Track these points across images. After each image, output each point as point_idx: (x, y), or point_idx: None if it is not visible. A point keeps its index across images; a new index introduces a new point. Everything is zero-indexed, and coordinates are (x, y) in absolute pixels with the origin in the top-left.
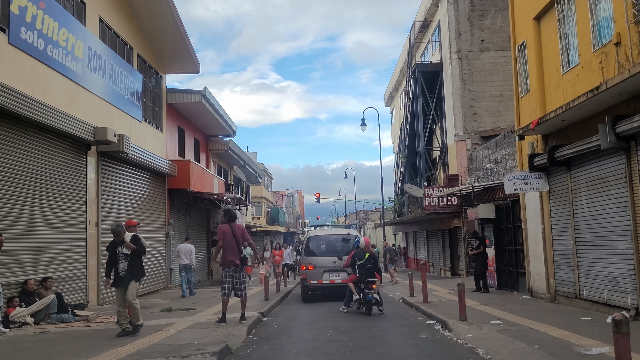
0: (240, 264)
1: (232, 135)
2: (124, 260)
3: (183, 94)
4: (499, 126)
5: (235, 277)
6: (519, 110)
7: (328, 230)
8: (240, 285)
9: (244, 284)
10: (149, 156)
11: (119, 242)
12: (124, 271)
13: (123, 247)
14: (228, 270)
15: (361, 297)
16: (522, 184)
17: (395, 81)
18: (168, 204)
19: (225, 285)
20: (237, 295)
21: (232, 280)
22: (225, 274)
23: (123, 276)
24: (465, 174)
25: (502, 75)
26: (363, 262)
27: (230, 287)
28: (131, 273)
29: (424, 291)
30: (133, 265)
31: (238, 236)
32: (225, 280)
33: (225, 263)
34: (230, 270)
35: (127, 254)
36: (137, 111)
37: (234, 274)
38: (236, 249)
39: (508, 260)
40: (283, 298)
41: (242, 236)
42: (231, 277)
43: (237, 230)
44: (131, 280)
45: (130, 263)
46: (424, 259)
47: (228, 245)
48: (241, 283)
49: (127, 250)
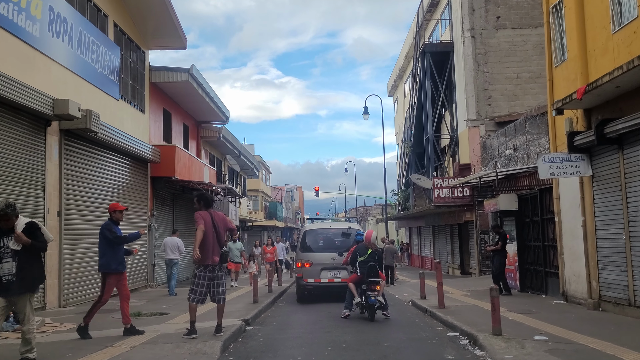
0: (220, 262)
1: (224, 121)
2: (9, 259)
3: (168, 72)
4: (515, 111)
5: (213, 278)
6: (552, 82)
7: (327, 224)
8: (219, 288)
9: (222, 286)
10: (127, 139)
11: (5, 230)
12: (9, 275)
13: (10, 239)
14: (204, 270)
15: (363, 299)
16: (560, 168)
17: (399, 68)
18: (151, 194)
19: (197, 289)
20: (213, 300)
21: (208, 283)
22: (200, 274)
23: (7, 283)
24: (478, 163)
25: (520, 55)
26: (365, 258)
27: (205, 292)
28: (22, 280)
29: (440, 294)
30: (24, 269)
31: (219, 227)
32: (199, 282)
33: (202, 259)
34: (207, 270)
35: (17, 249)
36: (113, 88)
37: (211, 274)
38: (216, 242)
39: (533, 258)
40: (276, 299)
41: (224, 227)
42: (208, 278)
43: (217, 219)
44: (21, 292)
45: (21, 264)
46: (429, 256)
47: (206, 237)
48: (219, 285)
49: (15, 244)
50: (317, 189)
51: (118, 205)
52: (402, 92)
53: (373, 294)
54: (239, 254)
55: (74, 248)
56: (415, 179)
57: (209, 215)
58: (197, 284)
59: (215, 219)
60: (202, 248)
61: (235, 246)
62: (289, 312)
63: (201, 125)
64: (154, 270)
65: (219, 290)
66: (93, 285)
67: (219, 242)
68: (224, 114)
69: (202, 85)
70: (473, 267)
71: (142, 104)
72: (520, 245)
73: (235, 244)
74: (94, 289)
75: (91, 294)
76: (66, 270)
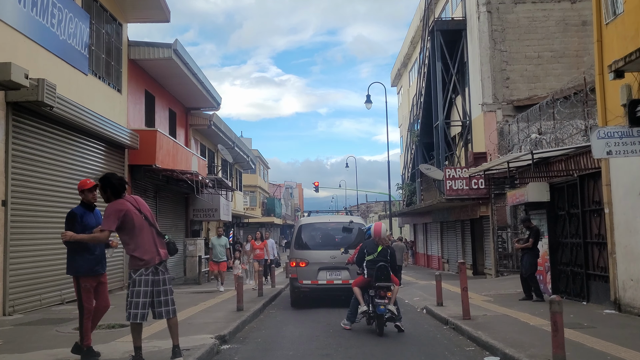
0: (166, 259)
1: (216, 108)
2: None
3: (149, 47)
4: (536, 94)
5: (156, 282)
6: (601, 43)
7: (325, 217)
8: (166, 296)
9: (170, 293)
10: (98, 120)
11: None
12: None
13: None
14: (145, 272)
15: (370, 308)
16: (619, 145)
17: (404, 55)
18: (129, 184)
19: (138, 300)
20: (158, 316)
21: (150, 290)
22: (137, 280)
23: None
24: (495, 152)
25: (541, 32)
26: (374, 257)
27: (149, 303)
28: None
29: (465, 302)
30: None
31: (149, 216)
32: (138, 291)
33: (141, 261)
34: (148, 272)
35: None
36: (80, 60)
37: (154, 277)
38: (155, 234)
39: (570, 257)
40: (266, 305)
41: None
42: (150, 282)
43: (143, 208)
44: None
45: None
46: (436, 255)
47: (140, 232)
48: (167, 293)
49: None
50: (317, 184)
51: (86, 183)
52: (407, 81)
53: (382, 302)
54: (223, 251)
55: (24, 244)
56: (424, 169)
57: (128, 203)
58: (136, 293)
59: (142, 208)
60: (138, 245)
61: (219, 242)
62: (279, 323)
63: (190, 112)
64: None
65: (167, 300)
66: (52, 288)
67: (158, 234)
68: (214, 100)
69: (188, 65)
70: (488, 267)
71: (118, 82)
72: (552, 243)
73: (220, 239)
74: (52, 293)
75: (49, 299)
76: (13, 270)
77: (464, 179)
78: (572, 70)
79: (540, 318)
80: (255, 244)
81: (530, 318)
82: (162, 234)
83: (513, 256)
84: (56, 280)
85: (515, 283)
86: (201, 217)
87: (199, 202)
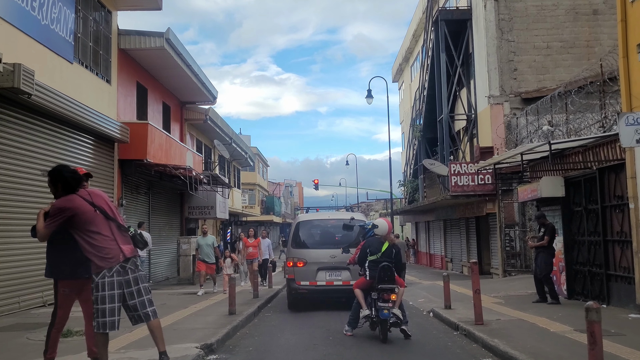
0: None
1: (211, 101)
2: None
3: (140, 37)
4: (545, 86)
5: (127, 283)
6: (625, 23)
7: (324, 214)
8: (142, 296)
9: (147, 292)
10: (85, 111)
11: None
12: None
13: None
14: (109, 274)
15: (372, 312)
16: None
17: (405, 49)
18: (119, 179)
19: (104, 306)
20: (135, 319)
21: (120, 293)
22: (102, 283)
23: None
24: (502, 146)
25: (550, 22)
26: (378, 257)
27: (118, 308)
28: None
29: (477, 307)
30: None
31: (106, 208)
32: (105, 296)
33: (102, 261)
34: (113, 273)
35: None
36: (64, 47)
37: (123, 277)
38: (114, 227)
39: (587, 257)
40: (261, 308)
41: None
42: (118, 284)
43: (98, 200)
44: None
45: None
46: (439, 253)
47: (95, 229)
48: (141, 293)
49: None
50: (317, 181)
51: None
52: (409, 76)
53: (386, 306)
54: (211, 251)
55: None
56: (428, 164)
57: (76, 199)
58: (101, 298)
59: (96, 201)
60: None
61: (205, 241)
62: (274, 329)
63: (185, 107)
64: None
65: (144, 301)
66: (32, 290)
67: (120, 229)
68: (210, 93)
69: (181, 55)
70: (495, 267)
71: (107, 72)
72: (567, 241)
73: (206, 237)
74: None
75: (29, 301)
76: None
77: (470, 175)
78: (582, 61)
79: (560, 323)
80: (247, 242)
81: (549, 323)
82: (125, 228)
83: (521, 255)
84: (37, 282)
85: (524, 283)
86: (197, 215)
87: (195, 200)
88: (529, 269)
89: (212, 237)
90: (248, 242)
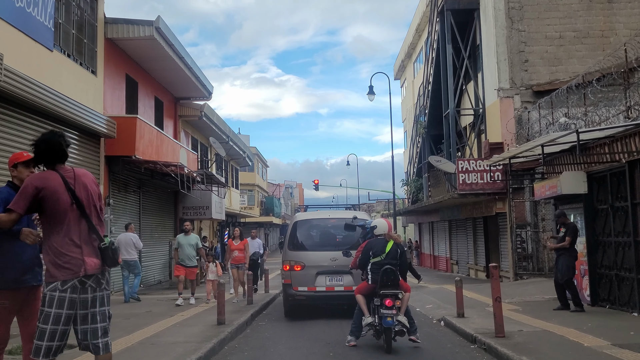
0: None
1: (207, 97)
2: None
3: (128, 25)
4: (557, 78)
5: (83, 303)
6: None
7: (324, 213)
8: (98, 324)
9: (103, 320)
10: (66, 102)
11: None
12: None
13: None
14: (61, 288)
15: (375, 320)
16: None
17: (408, 44)
18: (105, 177)
19: (47, 327)
20: (85, 348)
21: (69, 315)
22: (50, 298)
23: None
24: (512, 142)
25: (563, 10)
26: (382, 258)
27: (63, 332)
28: None
29: (499, 317)
30: None
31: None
32: (51, 315)
33: (57, 270)
34: (66, 289)
35: None
36: (43, 33)
37: (77, 294)
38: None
39: (615, 259)
40: (255, 316)
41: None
42: (69, 303)
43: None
44: None
45: None
46: (444, 255)
47: (62, 224)
48: (96, 319)
49: None
50: (317, 182)
51: (21, 155)
52: (412, 72)
53: (389, 313)
54: (193, 253)
55: None
56: (434, 161)
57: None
58: (44, 317)
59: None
60: (53, 244)
61: (187, 241)
62: (267, 341)
63: (179, 102)
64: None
65: (97, 330)
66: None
67: (91, 230)
68: (205, 88)
69: (173, 46)
70: (505, 270)
71: (92, 63)
72: (590, 242)
73: (188, 237)
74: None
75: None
76: None
77: (479, 172)
78: (597, 52)
79: (593, 336)
80: (232, 245)
81: (581, 336)
82: (98, 234)
83: (533, 257)
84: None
85: (539, 288)
86: (191, 216)
87: (189, 200)
88: (542, 272)
89: (195, 236)
90: (233, 244)
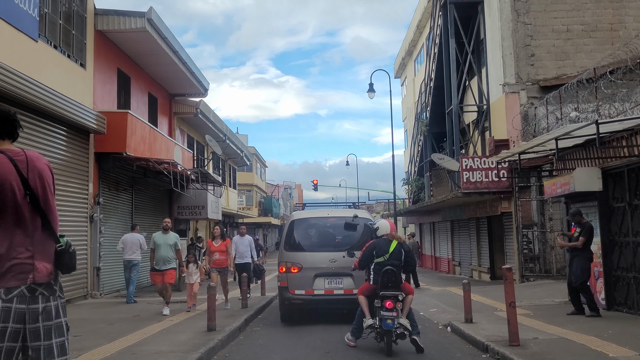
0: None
1: (203, 94)
2: None
3: (119, 17)
4: (565, 73)
5: (30, 317)
6: None
7: (323, 212)
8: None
9: (57, 336)
10: (52, 96)
11: None
12: None
13: None
14: (5, 297)
15: (376, 322)
16: None
17: (409, 42)
18: (95, 175)
19: None
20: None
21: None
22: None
23: None
24: (519, 138)
25: (570, 2)
26: (385, 258)
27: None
28: None
29: (513, 324)
30: None
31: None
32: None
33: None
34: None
35: None
36: (27, 22)
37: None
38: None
39: (633, 261)
40: (249, 321)
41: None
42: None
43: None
44: None
45: None
46: (446, 256)
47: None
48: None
49: None
50: (316, 182)
51: None
52: (412, 70)
53: (389, 315)
54: (171, 254)
55: None
56: (437, 159)
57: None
58: None
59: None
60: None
61: (165, 240)
62: (261, 349)
63: (175, 99)
64: (99, 275)
65: (50, 347)
66: None
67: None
68: (201, 84)
69: (166, 39)
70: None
71: (81, 55)
72: (605, 243)
73: (166, 235)
74: None
75: None
76: None
77: (483, 170)
78: (606, 46)
79: (617, 345)
80: (212, 246)
81: (604, 345)
82: (54, 233)
83: (540, 258)
84: None
85: (548, 290)
86: (187, 216)
87: (184, 199)
88: (549, 274)
89: (174, 234)
90: (213, 245)
